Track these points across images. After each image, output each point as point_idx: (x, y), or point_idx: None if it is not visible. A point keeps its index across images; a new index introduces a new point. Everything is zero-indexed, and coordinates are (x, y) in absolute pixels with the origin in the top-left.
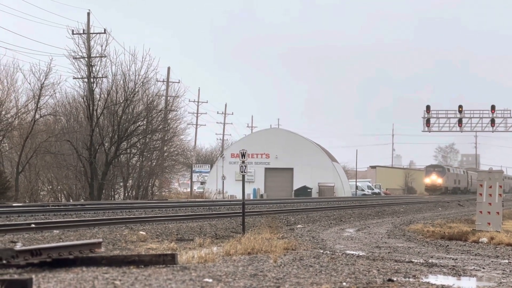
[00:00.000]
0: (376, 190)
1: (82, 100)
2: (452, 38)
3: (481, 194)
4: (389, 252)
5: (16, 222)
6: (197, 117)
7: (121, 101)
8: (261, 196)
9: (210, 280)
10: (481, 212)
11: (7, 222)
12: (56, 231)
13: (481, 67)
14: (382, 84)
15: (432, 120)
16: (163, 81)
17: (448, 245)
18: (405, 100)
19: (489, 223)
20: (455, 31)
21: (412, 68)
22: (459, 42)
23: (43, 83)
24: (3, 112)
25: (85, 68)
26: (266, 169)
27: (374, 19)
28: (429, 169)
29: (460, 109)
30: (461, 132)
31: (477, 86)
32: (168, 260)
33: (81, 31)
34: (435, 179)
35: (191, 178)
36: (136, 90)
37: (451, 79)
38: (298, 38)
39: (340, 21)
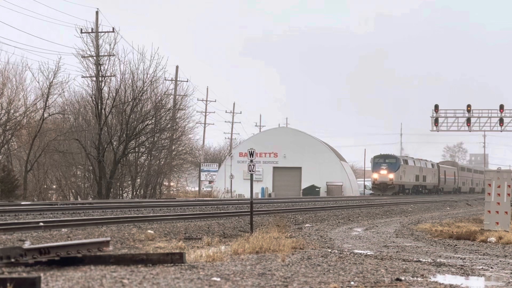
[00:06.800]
0: None
1: (90, 98)
2: (460, 35)
3: (489, 194)
4: (397, 252)
5: (24, 221)
6: (205, 116)
7: (130, 100)
8: (269, 195)
9: (218, 279)
10: (489, 211)
11: (16, 221)
12: (64, 230)
13: (490, 65)
14: (390, 83)
15: (440, 120)
16: (172, 80)
17: (456, 245)
18: (413, 100)
19: (497, 223)
20: (463, 28)
21: (422, 67)
22: (468, 39)
23: (52, 81)
24: (12, 111)
25: (94, 67)
26: (274, 168)
27: (381, 16)
28: (378, 160)
29: (469, 108)
30: (470, 131)
31: (485, 86)
32: (176, 259)
33: (90, 30)
34: (384, 174)
35: (199, 177)
36: (145, 89)
37: (460, 77)
38: (305, 36)
39: (348, 18)
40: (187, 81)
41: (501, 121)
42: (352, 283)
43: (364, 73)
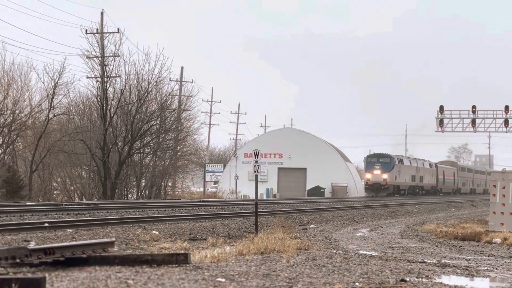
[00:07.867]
0: None
1: (95, 99)
2: (466, 37)
3: (494, 195)
4: (402, 252)
5: (29, 221)
6: (210, 116)
7: (135, 101)
8: (274, 196)
9: (223, 280)
10: (494, 212)
11: (21, 221)
12: (69, 230)
13: (495, 66)
14: (395, 83)
15: (445, 121)
16: (177, 80)
17: (461, 246)
18: (418, 101)
19: (502, 224)
20: (466, 28)
21: (426, 68)
22: (474, 41)
23: (57, 82)
24: (17, 111)
25: (99, 68)
26: (279, 169)
27: (382, 17)
28: (371, 160)
29: (474, 109)
30: (475, 132)
31: (490, 87)
32: (181, 259)
33: (95, 31)
34: (378, 174)
35: (204, 177)
36: (150, 89)
37: (464, 78)
38: (308, 37)
39: (348, 19)
40: (192, 82)
41: (506, 122)
42: (357, 284)
43: (369, 74)
